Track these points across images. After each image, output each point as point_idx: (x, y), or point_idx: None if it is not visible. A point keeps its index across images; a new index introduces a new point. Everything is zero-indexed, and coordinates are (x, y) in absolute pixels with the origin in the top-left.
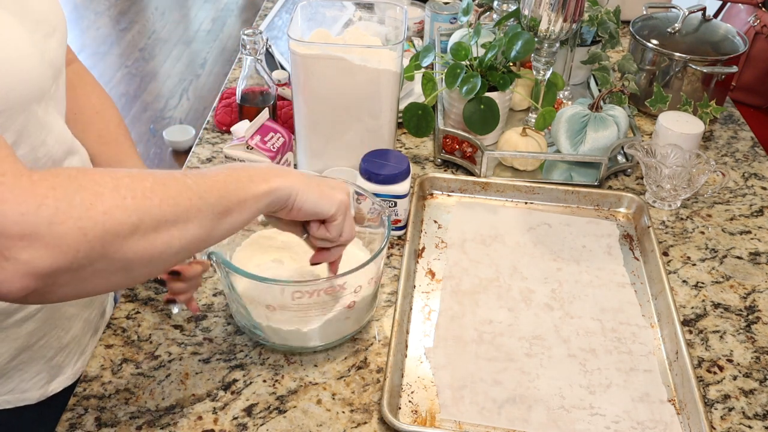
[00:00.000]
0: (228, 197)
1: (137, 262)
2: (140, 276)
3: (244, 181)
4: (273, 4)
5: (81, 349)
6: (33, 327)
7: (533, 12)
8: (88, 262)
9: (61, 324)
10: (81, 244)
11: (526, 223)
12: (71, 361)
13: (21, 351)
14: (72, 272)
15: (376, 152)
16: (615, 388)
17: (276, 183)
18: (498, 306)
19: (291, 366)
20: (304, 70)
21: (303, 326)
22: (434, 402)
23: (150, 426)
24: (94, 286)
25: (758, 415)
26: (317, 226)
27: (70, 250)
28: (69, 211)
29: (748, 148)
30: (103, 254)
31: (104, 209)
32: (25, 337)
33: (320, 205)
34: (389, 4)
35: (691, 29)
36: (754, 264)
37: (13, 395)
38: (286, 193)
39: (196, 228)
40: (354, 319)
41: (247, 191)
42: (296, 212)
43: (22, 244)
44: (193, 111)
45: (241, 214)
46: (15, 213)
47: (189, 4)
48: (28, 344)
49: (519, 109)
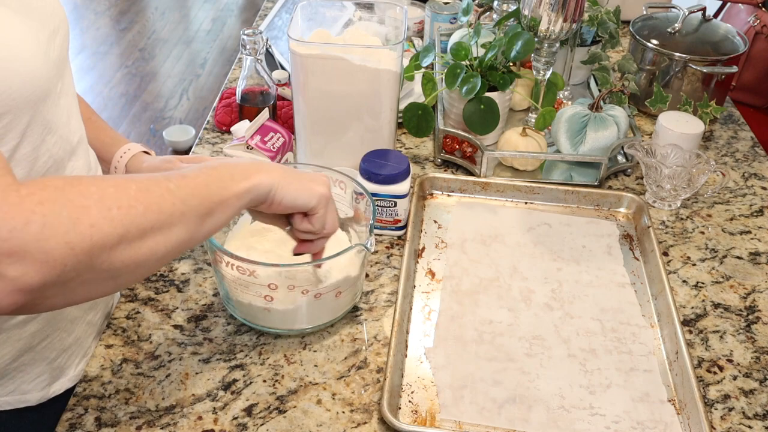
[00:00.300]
0: (210, 198)
1: (124, 270)
2: (127, 282)
3: (226, 180)
4: (273, 4)
5: (83, 352)
6: (35, 328)
7: (533, 12)
8: (75, 275)
9: (64, 326)
10: (68, 258)
11: (526, 223)
12: (73, 363)
13: (23, 352)
14: (60, 285)
15: (376, 152)
16: (615, 388)
17: (256, 179)
18: (498, 306)
19: (291, 366)
20: (304, 70)
21: (266, 305)
22: (434, 402)
23: (150, 426)
24: (82, 295)
25: (758, 415)
26: (300, 218)
27: (57, 264)
28: (56, 226)
29: (748, 148)
30: (91, 266)
31: (91, 222)
32: (27, 339)
33: (300, 198)
34: (389, 4)
35: (691, 29)
36: (754, 264)
37: (13, 396)
38: (266, 188)
39: (180, 232)
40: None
41: (229, 190)
42: (277, 206)
43: (9, 261)
44: (193, 111)
45: (224, 213)
46: (3, 230)
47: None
48: (31, 345)
49: (519, 109)
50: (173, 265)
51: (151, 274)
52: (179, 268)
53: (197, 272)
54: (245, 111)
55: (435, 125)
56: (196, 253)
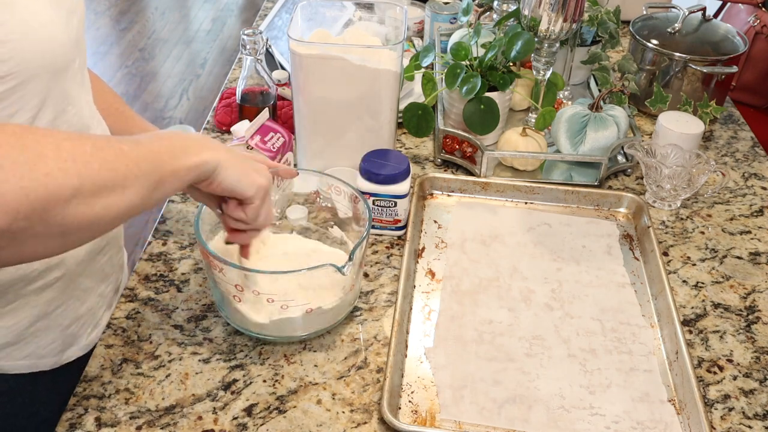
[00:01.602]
0: (163, 167)
1: (75, 226)
2: (76, 241)
3: (178, 152)
4: (273, 4)
5: (95, 322)
6: (51, 296)
7: (533, 12)
8: (27, 225)
9: (78, 295)
10: (22, 205)
11: (526, 223)
12: (85, 332)
13: (39, 318)
14: (9, 235)
15: (376, 152)
16: (615, 388)
17: (206, 155)
18: (498, 306)
19: (291, 366)
20: (304, 70)
21: (236, 304)
22: (434, 402)
23: (150, 426)
24: (30, 250)
25: (758, 415)
26: (234, 205)
27: (10, 210)
28: (12, 170)
29: (748, 148)
30: (43, 218)
31: (46, 171)
32: (43, 305)
33: (240, 184)
34: (389, 4)
35: (691, 29)
36: (754, 264)
37: (29, 360)
38: (212, 166)
39: (132, 195)
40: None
41: (180, 162)
42: (216, 186)
43: None
44: (193, 111)
45: (173, 184)
46: None
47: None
48: (46, 312)
49: (519, 109)
50: (173, 265)
51: (99, 235)
52: (179, 268)
53: (197, 272)
54: (245, 111)
55: (435, 125)
56: (196, 253)
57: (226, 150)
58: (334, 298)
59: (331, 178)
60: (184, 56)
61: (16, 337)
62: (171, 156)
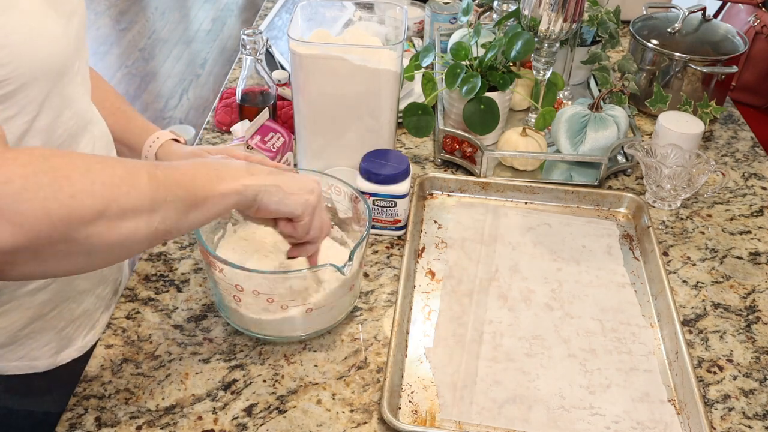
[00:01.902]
0: (195, 192)
1: (100, 247)
2: (102, 261)
3: (214, 178)
4: (273, 4)
5: (91, 324)
6: (45, 297)
7: (533, 12)
8: (48, 244)
9: (74, 297)
10: (43, 224)
11: (526, 223)
12: (81, 334)
13: (33, 320)
14: (31, 252)
15: (376, 152)
16: (615, 388)
17: (245, 182)
18: (498, 306)
19: (291, 366)
20: (304, 70)
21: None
22: (434, 402)
23: (150, 426)
24: (53, 267)
25: (758, 415)
26: (284, 222)
27: (32, 229)
28: (36, 190)
29: (748, 148)
30: (66, 237)
31: (72, 193)
32: (37, 307)
33: (284, 206)
34: (389, 4)
35: (691, 29)
36: (754, 264)
37: (23, 362)
38: (252, 193)
39: (161, 218)
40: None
41: (215, 188)
42: (263, 212)
43: None
44: (193, 111)
45: (208, 210)
46: None
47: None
48: (41, 314)
49: (519, 109)
50: (173, 265)
51: (128, 258)
52: (179, 268)
53: (197, 272)
54: (245, 111)
55: (435, 125)
56: (196, 253)
57: (268, 174)
58: (334, 299)
59: (331, 178)
60: (184, 56)
61: (10, 339)
62: (206, 182)
